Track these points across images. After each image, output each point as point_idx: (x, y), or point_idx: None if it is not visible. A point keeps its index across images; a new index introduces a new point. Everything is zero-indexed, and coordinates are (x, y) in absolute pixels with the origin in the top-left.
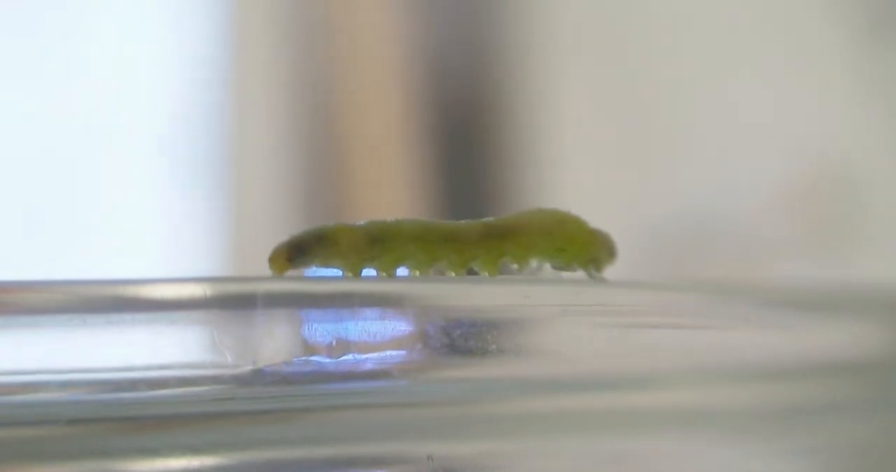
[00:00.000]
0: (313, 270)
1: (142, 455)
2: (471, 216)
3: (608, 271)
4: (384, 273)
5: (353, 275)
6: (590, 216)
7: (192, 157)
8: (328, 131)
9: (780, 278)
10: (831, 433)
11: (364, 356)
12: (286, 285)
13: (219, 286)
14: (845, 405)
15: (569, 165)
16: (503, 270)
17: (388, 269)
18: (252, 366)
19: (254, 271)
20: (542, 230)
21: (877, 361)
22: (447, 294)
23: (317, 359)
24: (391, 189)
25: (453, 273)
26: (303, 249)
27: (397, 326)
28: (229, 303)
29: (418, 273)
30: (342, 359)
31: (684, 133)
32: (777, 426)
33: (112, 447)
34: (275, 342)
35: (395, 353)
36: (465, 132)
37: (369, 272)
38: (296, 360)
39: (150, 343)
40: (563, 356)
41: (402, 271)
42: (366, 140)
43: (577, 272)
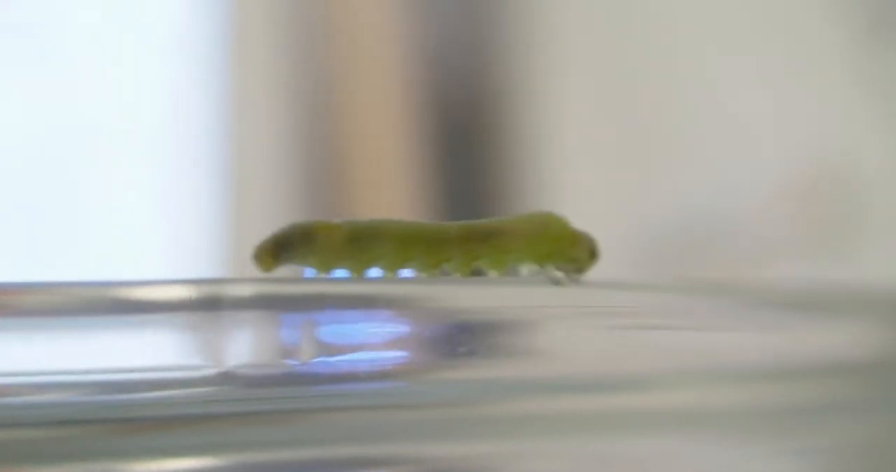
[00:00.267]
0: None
1: (139, 457)
2: (471, 217)
3: (594, 273)
4: (356, 274)
5: (325, 274)
6: (589, 216)
7: (191, 156)
8: (328, 131)
9: (780, 279)
10: (831, 433)
11: (360, 358)
12: (283, 288)
13: (213, 288)
14: (845, 405)
15: (569, 164)
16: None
17: (361, 269)
18: (249, 368)
19: (252, 272)
20: (522, 235)
21: (877, 361)
22: (443, 295)
23: (314, 361)
24: (391, 189)
25: (425, 274)
26: (287, 245)
27: (393, 327)
28: (224, 305)
29: (390, 274)
30: (338, 361)
31: (684, 133)
32: (777, 426)
33: (109, 448)
34: (271, 344)
35: (391, 354)
36: (465, 132)
37: (341, 272)
38: (294, 362)
39: (147, 345)
40: (560, 357)
41: (373, 272)
42: (366, 140)
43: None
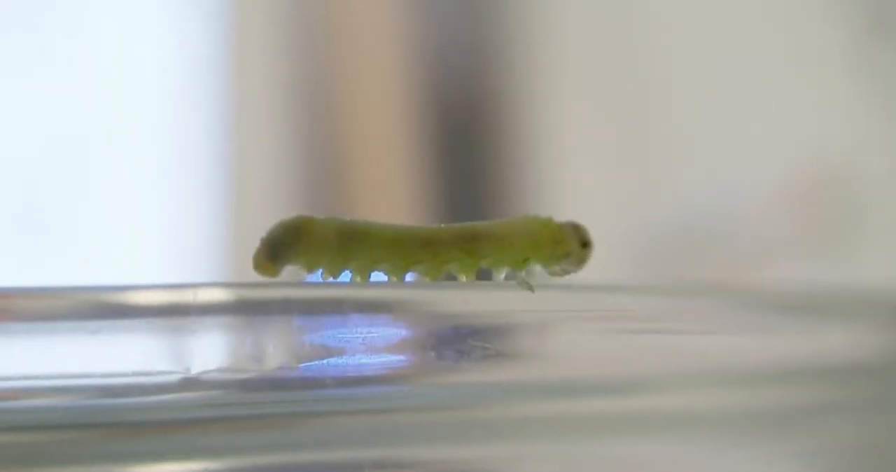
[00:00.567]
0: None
1: (132, 460)
2: (471, 218)
3: (595, 274)
4: (359, 276)
5: (312, 272)
6: (589, 217)
7: (191, 157)
8: (328, 132)
9: (780, 280)
10: (831, 435)
11: (362, 362)
12: (282, 292)
13: (218, 292)
14: (845, 407)
15: (569, 165)
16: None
17: (364, 271)
18: (250, 371)
19: (252, 275)
20: (507, 241)
21: (877, 363)
22: (442, 299)
23: (316, 364)
24: (391, 189)
25: (428, 278)
26: (278, 246)
27: (396, 331)
28: (228, 309)
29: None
30: (340, 364)
31: (684, 134)
32: (777, 429)
33: (102, 452)
34: (272, 348)
35: (393, 358)
36: (465, 132)
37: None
38: (302, 364)
39: (145, 348)
40: (560, 360)
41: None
42: (366, 140)
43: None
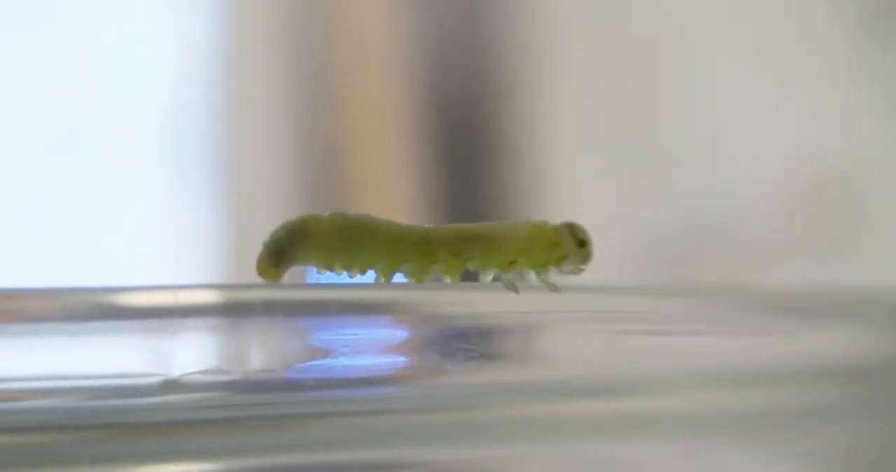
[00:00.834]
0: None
1: (135, 461)
2: (471, 218)
3: (598, 270)
4: (355, 273)
5: (327, 270)
6: (590, 217)
7: (190, 158)
8: (328, 132)
9: (780, 281)
10: (831, 436)
11: (363, 363)
12: (283, 292)
13: (218, 293)
14: (845, 407)
15: (568, 164)
16: (518, 278)
17: (361, 269)
18: (249, 372)
19: (252, 276)
20: (495, 244)
21: (876, 364)
22: (444, 301)
23: (317, 365)
24: (391, 190)
25: (414, 278)
26: (282, 249)
27: (397, 333)
28: (228, 310)
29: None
30: (341, 365)
31: (684, 134)
32: (777, 429)
33: (107, 453)
34: (272, 349)
35: (394, 359)
36: (465, 133)
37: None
38: (295, 366)
39: (144, 349)
40: (561, 362)
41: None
42: (366, 141)
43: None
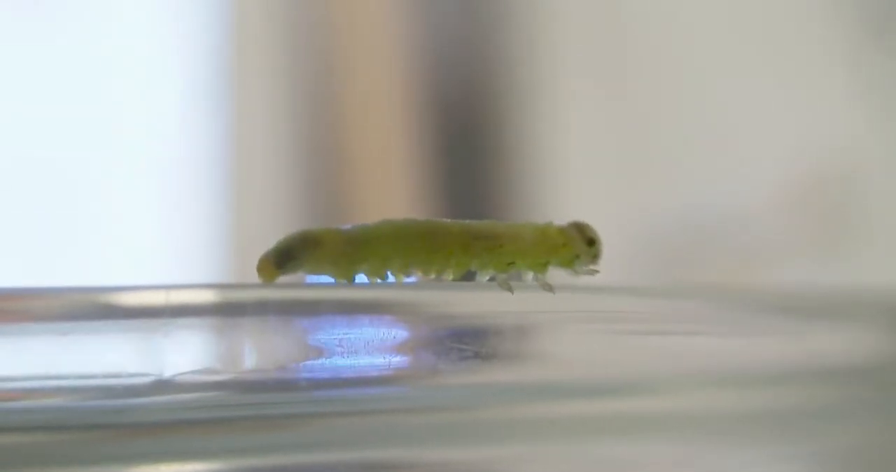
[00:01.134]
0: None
1: (131, 461)
2: (471, 219)
3: (595, 277)
4: (374, 278)
5: (344, 280)
6: (590, 217)
7: (190, 158)
8: (328, 133)
9: (780, 281)
10: (830, 436)
11: (364, 363)
12: (283, 292)
13: (219, 293)
14: (845, 408)
15: (569, 165)
16: (514, 278)
17: (378, 272)
18: (245, 372)
19: (252, 276)
20: (496, 243)
21: (876, 364)
22: (446, 301)
23: (318, 365)
24: (391, 190)
25: (434, 275)
26: (291, 254)
27: (397, 332)
28: (233, 310)
29: (402, 276)
30: (342, 365)
31: (684, 134)
32: (777, 429)
33: (100, 453)
34: (266, 349)
35: (395, 359)
36: (465, 133)
37: (361, 278)
38: (290, 366)
39: (142, 349)
40: (562, 362)
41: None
42: (366, 141)
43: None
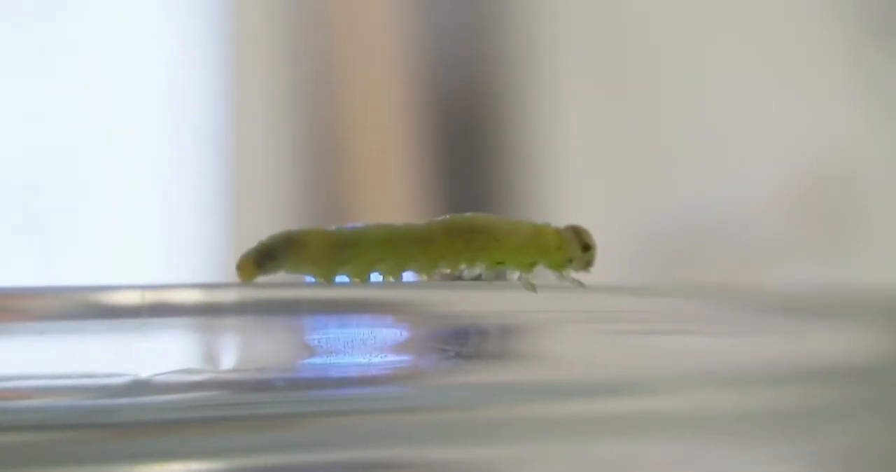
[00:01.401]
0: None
1: (141, 460)
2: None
3: (598, 271)
4: (357, 279)
5: (324, 281)
6: (590, 217)
7: (190, 158)
8: (328, 133)
9: (780, 281)
10: (830, 436)
11: (366, 362)
12: (286, 292)
13: (217, 293)
14: (845, 408)
15: (569, 164)
16: (500, 276)
17: (361, 275)
18: (252, 372)
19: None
20: (492, 237)
21: (876, 364)
22: (446, 300)
23: (319, 364)
24: (391, 190)
25: (425, 276)
26: (272, 254)
27: (398, 332)
28: (231, 309)
29: (391, 278)
30: (345, 365)
31: (685, 135)
32: (776, 429)
33: (111, 451)
34: (272, 348)
35: (396, 358)
36: (466, 133)
37: (342, 279)
38: (300, 365)
39: (142, 348)
40: (563, 362)
41: (374, 277)
42: (366, 141)
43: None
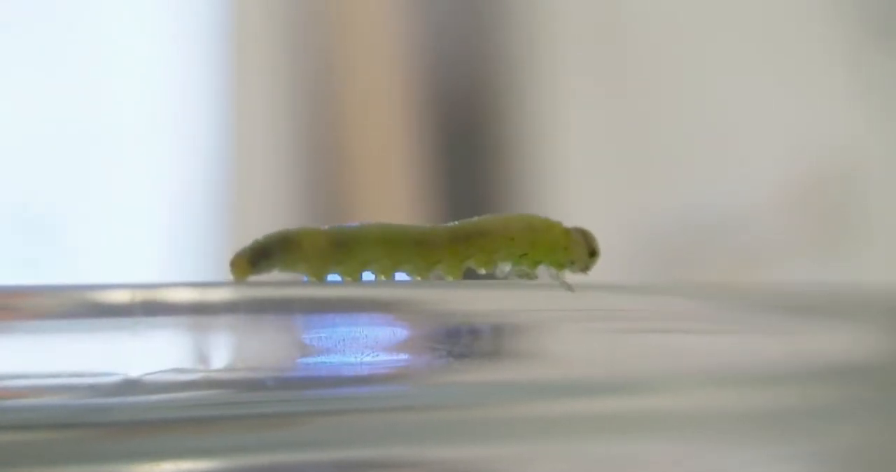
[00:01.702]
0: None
1: (135, 459)
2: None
3: (596, 275)
4: (349, 278)
5: (317, 280)
6: (590, 217)
7: (190, 158)
8: (328, 132)
9: (780, 281)
10: (830, 436)
11: (365, 361)
12: (287, 291)
13: (209, 292)
14: (845, 408)
15: (569, 164)
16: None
17: (354, 274)
18: (244, 371)
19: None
20: (506, 236)
21: (876, 364)
22: (446, 299)
23: (319, 364)
24: (392, 190)
25: (418, 277)
26: (266, 253)
27: (399, 331)
28: (223, 309)
29: (383, 278)
30: (345, 363)
31: (685, 135)
32: (776, 429)
33: (105, 451)
34: (264, 347)
35: (396, 357)
36: (466, 132)
37: (334, 277)
38: (297, 364)
39: (133, 347)
40: (563, 361)
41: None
42: (366, 141)
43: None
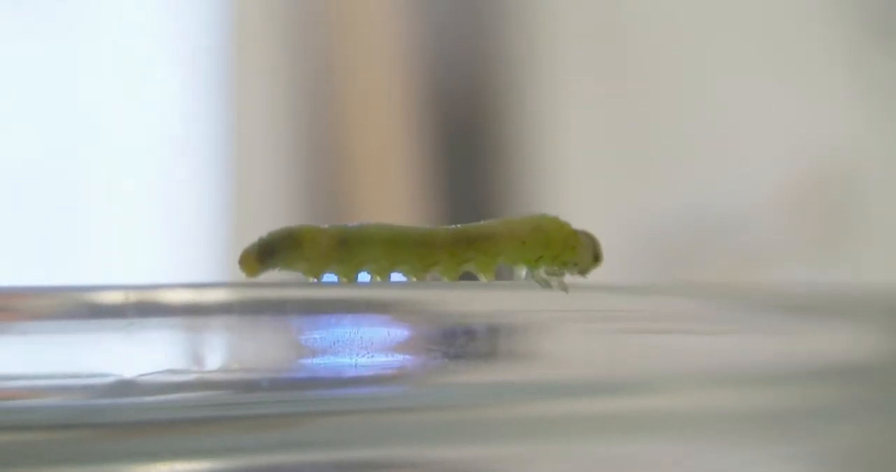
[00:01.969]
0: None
1: (130, 460)
2: (471, 218)
3: (596, 274)
4: (345, 279)
5: (316, 279)
6: (590, 217)
7: (191, 158)
8: (328, 133)
9: (780, 281)
10: (830, 436)
11: (365, 361)
12: (294, 292)
13: (204, 293)
14: (845, 408)
15: (569, 164)
16: (498, 275)
17: (350, 274)
18: (238, 372)
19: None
20: (516, 239)
21: (876, 364)
22: (446, 300)
23: (315, 364)
24: (392, 191)
25: (414, 278)
26: (272, 250)
27: (396, 332)
28: (218, 309)
29: (378, 278)
30: (341, 364)
31: (685, 135)
32: (776, 429)
33: (99, 451)
34: (259, 348)
35: (394, 358)
36: (466, 132)
37: (331, 277)
38: (292, 365)
39: (127, 348)
40: (563, 361)
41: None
42: (366, 141)
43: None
